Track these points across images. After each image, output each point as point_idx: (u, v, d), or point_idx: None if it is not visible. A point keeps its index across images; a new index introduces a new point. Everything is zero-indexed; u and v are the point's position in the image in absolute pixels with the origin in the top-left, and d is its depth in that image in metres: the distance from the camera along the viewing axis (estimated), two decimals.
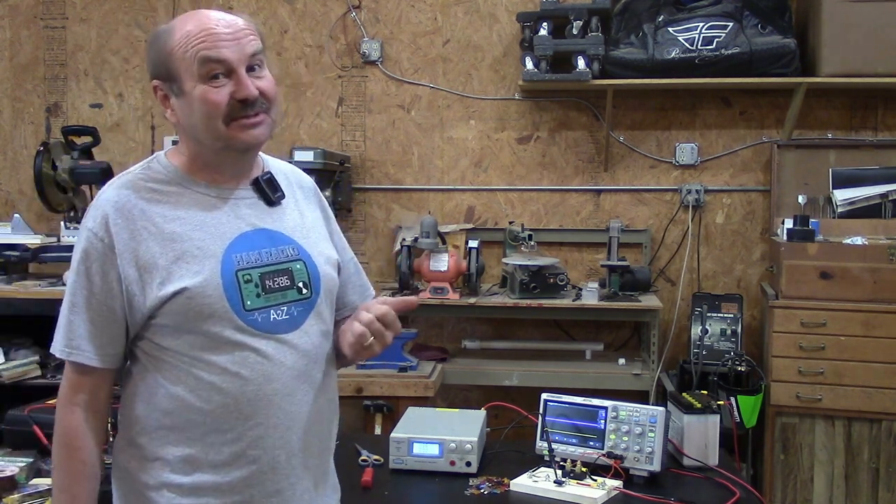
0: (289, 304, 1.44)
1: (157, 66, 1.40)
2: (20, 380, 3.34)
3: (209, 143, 1.41)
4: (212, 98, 1.36)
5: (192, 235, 1.39)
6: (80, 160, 3.73)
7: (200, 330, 1.37)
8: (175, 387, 1.39)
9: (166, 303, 1.36)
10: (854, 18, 3.34)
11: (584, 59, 3.52)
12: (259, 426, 1.40)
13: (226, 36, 1.36)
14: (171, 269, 1.36)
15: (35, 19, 4.14)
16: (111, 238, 1.37)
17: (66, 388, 1.43)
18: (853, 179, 3.55)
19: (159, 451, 1.41)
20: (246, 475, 1.41)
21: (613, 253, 3.46)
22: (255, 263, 1.42)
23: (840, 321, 3.15)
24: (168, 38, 1.38)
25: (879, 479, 3.15)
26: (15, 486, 2.01)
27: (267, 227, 1.46)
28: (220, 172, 1.45)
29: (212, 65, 1.35)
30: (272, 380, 1.41)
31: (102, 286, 1.38)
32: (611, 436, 2.04)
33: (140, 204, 1.39)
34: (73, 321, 1.40)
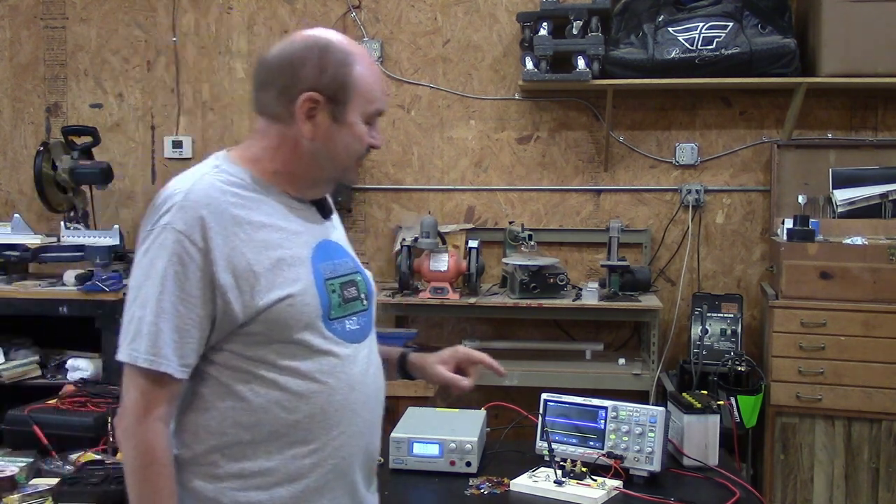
0: (358, 315, 1.48)
1: (326, 82, 1.39)
2: (20, 380, 3.34)
3: (328, 170, 1.46)
4: (365, 140, 1.45)
5: (283, 244, 1.38)
6: (80, 160, 3.74)
7: (292, 338, 1.36)
8: (258, 399, 1.35)
9: (266, 310, 1.33)
10: (854, 18, 3.34)
11: (584, 59, 3.52)
12: (342, 434, 1.41)
13: (385, 90, 1.50)
14: (270, 277, 1.34)
15: (35, 19, 4.14)
16: (207, 243, 1.31)
17: (140, 402, 1.31)
18: (853, 179, 3.55)
19: (234, 468, 1.36)
20: (322, 484, 1.41)
21: (613, 253, 3.46)
22: (334, 273, 1.45)
23: (840, 321, 3.15)
24: (353, 66, 1.40)
25: (879, 479, 3.15)
26: (15, 486, 2.01)
27: (332, 239, 1.51)
28: (301, 191, 1.46)
29: (378, 115, 1.47)
30: (354, 388, 1.43)
31: (196, 293, 1.31)
32: (611, 436, 2.04)
33: (229, 209, 1.35)
34: (161, 329, 1.30)
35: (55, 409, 2.43)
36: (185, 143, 4.07)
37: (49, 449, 2.25)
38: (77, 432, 2.31)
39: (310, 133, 1.40)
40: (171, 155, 4.10)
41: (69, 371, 3.39)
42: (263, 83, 1.43)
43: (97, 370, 3.36)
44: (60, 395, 2.53)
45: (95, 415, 2.37)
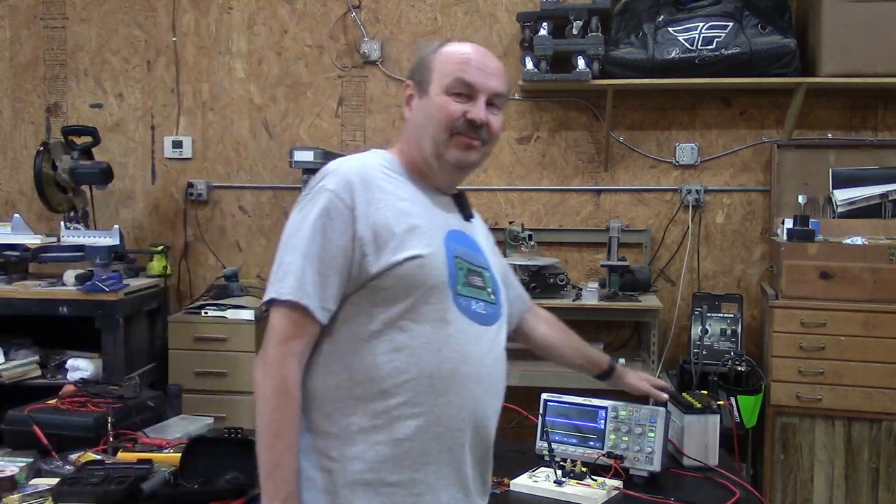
0: (484, 303, 1.54)
1: (415, 68, 1.59)
2: (20, 380, 3.35)
3: (429, 146, 1.54)
4: (448, 108, 1.52)
5: (422, 215, 1.50)
6: (80, 160, 3.74)
7: (417, 298, 1.44)
8: (373, 355, 1.43)
9: (397, 266, 1.43)
10: (854, 18, 3.34)
11: (584, 59, 3.52)
12: (449, 404, 1.45)
13: (480, 66, 1.54)
14: (405, 238, 1.45)
15: (35, 19, 4.15)
16: (353, 201, 1.45)
17: (283, 334, 1.43)
18: (853, 179, 3.55)
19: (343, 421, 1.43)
20: (424, 451, 1.44)
21: (613, 253, 3.46)
22: (464, 256, 1.54)
23: (840, 321, 3.15)
24: (438, 51, 1.57)
25: (879, 479, 3.15)
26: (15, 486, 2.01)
27: (466, 232, 1.61)
28: (432, 179, 1.58)
29: (460, 84, 1.52)
30: (468, 361, 1.47)
31: (336, 242, 1.44)
32: (611, 436, 2.04)
33: (377, 180, 1.50)
34: (306, 270, 1.43)
35: (55, 409, 2.42)
36: (185, 143, 4.07)
37: (49, 449, 2.25)
38: (77, 432, 2.30)
39: (409, 115, 1.60)
40: (171, 155, 4.10)
41: (69, 371, 3.39)
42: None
43: (97, 370, 3.36)
44: (60, 395, 2.52)
45: (95, 415, 2.36)
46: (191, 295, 4.08)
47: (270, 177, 4.06)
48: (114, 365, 3.35)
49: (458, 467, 1.48)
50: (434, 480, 1.45)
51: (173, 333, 3.63)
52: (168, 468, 2.07)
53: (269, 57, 4.02)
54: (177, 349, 3.61)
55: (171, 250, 4.00)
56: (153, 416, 2.52)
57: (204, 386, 3.53)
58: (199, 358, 3.57)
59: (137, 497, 1.93)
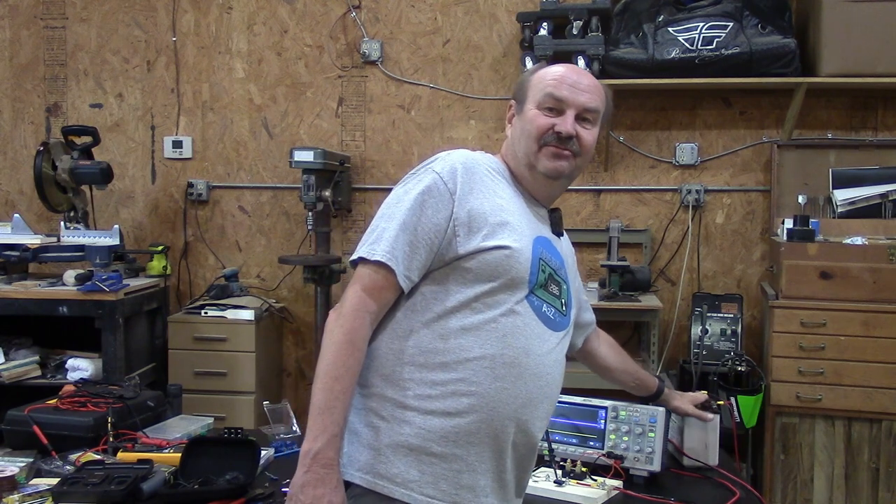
0: (555, 309, 1.61)
1: (516, 90, 1.71)
2: (20, 380, 3.35)
3: (521, 157, 1.64)
4: (538, 121, 1.62)
5: (515, 213, 1.58)
6: (80, 160, 3.74)
7: (496, 286, 1.50)
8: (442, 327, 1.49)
9: (485, 252, 1.50)
10: (854, 18, 3.34)
11: (584, 59, 3.52)
12: (504, 391, 1.49)
13: (572, 83, 1.63)
14: (496, 229, 1.53)
15: (35, 19, 4.15)
16: (455, 185, 1.54)
17: (360, 295, 1.50)
18: (853, 179, 3.55)
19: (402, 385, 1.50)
20: (472, 431, 1.48)
21: (613, 253, 3.46)
22: (549, 262, 1.61)
23: (840, 321, 3.15)
24: (536, 72, 1.69)
25: (879, 479, 3.15)
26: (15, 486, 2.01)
27: (555, 245, 1.68)
28: (528, 188, 1.66)
29: (550, 99, 1.62)
30: (529, 354, 1.52)
31: (432, 218, 1.52)
32: (611, 436, 2.04)
33: (482, 173, 1.59)
34: (399, 237, 1.51)
35: (55, 409, 2.42)
36: (185, 143, 4.07)
37: (49, 449, 2.25)
38: (77, 432, 2.31)
39: (509, 131, 1.71)
40: (171, 155, 4.10)
41: (69, 371, 3.39)
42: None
43: (97, 370, 3.36)
44: (60, 395, 2.52)
45: (95, 415, 2.36)
46: (191, 295, 4.08)
47: (270, 177, 4.06)
48: (114, 365, 3.35)
49: (499, 458, 1.52)
50: (476, 462, 1.50)
51: (173, 333, 3.63)
52: (168, 468, 2.07)
53: (269, 57, 4.02)
54: (177, 349, 3.62)
55: (170, 250, 4.00)
56: (153, 416, 2.53)
57: (204, 386, 3.54)
58: (198, 358, 3.57)
59: (137, 497, 1.93)
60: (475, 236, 1.52)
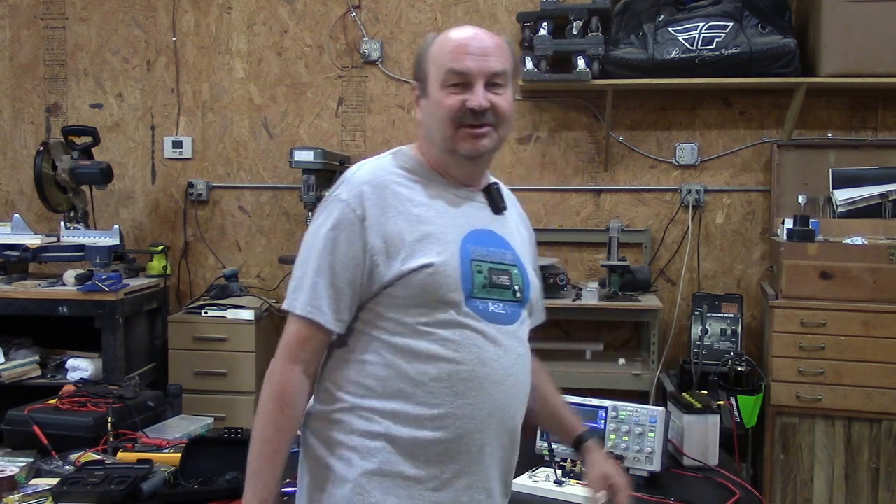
0: (504, 302, 1.52)
1: (416, 69, 1.57)
2: (20, 380, 3.35)
3: (440, 143, 1.52)
4: (446, 103, 1.49)
5: (436, 221, 1.49)
6: (80, 160, 3.74)
7: (430, 305, 1.45)
8: (392, 355, 1.45)
9: (407, 275, 1.44)
10: (854, 18, 3.34)
11: (584, 59, 3.52)
12: (467, 406, 1.45)
13: (474, 51, 1.49)
14: (416, 247, 1.45)
15: (35, 19, 4.15)
16: (364, 211, 1.46)
17: (288, 344, 1.47)
18: (853, 179, 3.55)
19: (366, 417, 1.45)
20: (443, 451, 1.45)
21: (613, 253, 3.46)
22: (485, 258, 1.52)
23: (840, 321, 3.15)
24: (429, 46, 1.54)
25: (879, 479, 3.15)
26: (15, 486, 2.01)
27: (493, 230, 1.58)
28: (452, 174, 1.56)
29: (453, 75, 1.49)
30: (486, 364, 1.47)
31: (348, 253, 1.46)
32: (611, 436, 2.04)
33: (392, 185, 1.50)
34: (318, 283, 1.46)
35: (55, 409, 2.43)
36: (185, 143, 4.07)
37: (49, 449, 2.25)
38: (77, 432, 2.31)
39: (419, 115, 1.58)
40: (171, 155, 4.10)
41: (69, 371, 3.39)
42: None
43: (97, 370, 3.36)
44: (60, 395, 2.53)
45: (95, 415, 2.36)
46: (191, 295, 4.07)
47: (270, 177, 4.06)
48: (114, 365, 3.35)
49: (479, 469, 1.49)
50: (453, 479, 1.47)
51: (173, 333, 3.63)
52: (168, 468, 2.07)
53: (269, 57, 4.02)
54: (177, 349, 3.62)
55: (170, 250, 4.00)
56: (153, 416, 2.53)
57: (204, 386, 3.53)
58: (198, 358, 3.57)
59: (137, 497, 1.93)
60: (395, 261, 1.45)
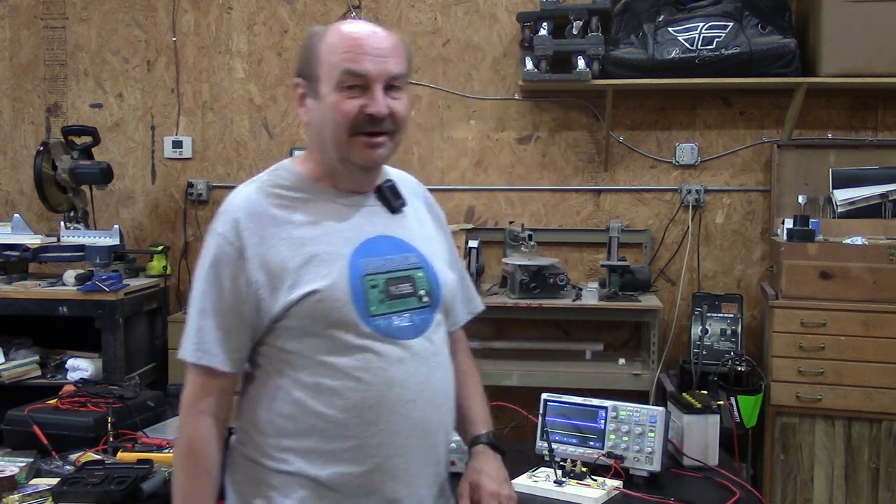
0: (411, 312, 1.45)
1: (303, 65, 1.44)
2: (20, 380, 3.35)
3: (331, 150, 1.43)
4: (342, 107, 1.38)
5: (321, 240, 1.41)
6: (80, 160, 3.74)
7: (325, 333, 1.38)
8: (297, 391, 1.39)
9: (295, 305, 1.37)
10: (854, 18, 3.34)
11: (584, 59, 3.52)
12: (381, 432, 1.40)
13: (372, 51, 1.38)
14: (301, 273, 1.37)
15: (35, 19, 4.14)
16: (242, 243, 1.39)
17: (191, 395, 1.43)
18: (853, 179, 3.55)
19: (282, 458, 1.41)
20: (365, 482, 1.40)
21: (613, 253, 3.46)
22: (380, 269, 1.43)
23: (840, 321, 3.15)
24: (319, 41, 1.41)
25: (879, 479, 3.15)
26: (15, 486, 2.01)
27: (391, 234, 1.49)
28: (342, 181, 1.47)
29: (351, 77, 1.38)
30: (394, 385, 1.40)
31: (232, 290, 1.39)
32: (611, 436, 2.04)
33: (270, 210, 1.42)
34: (204, 326, 1.40)
35: (55, 409, 2.42)
36: (185, 143, 4.07)
37: (49, 449, 2.25)
38: (77, 432, 2.30)
39: (305, 116, 1.45)
40: (171, 155, 4.10)
41: (69, 371, 3.39)
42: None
43: (97, 370, 3.36)
44: (60, 395, 2.52)
45: (95, 415, 2.36)
46: None
47: None
48: (114, 365, 3.35)
49: (409, 492, 1.44)
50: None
51: (173, 333, 3.63)
52: (168, 468, 2.07)
53: (269, 57, 4.02)
54: (177, 349, 3.59)
55: (170, 250, 4.00)
56: (153, 416, 2.52)
57: None
58: None
59: (137, 497, 1.93)
60: (280, 292, 1.37)
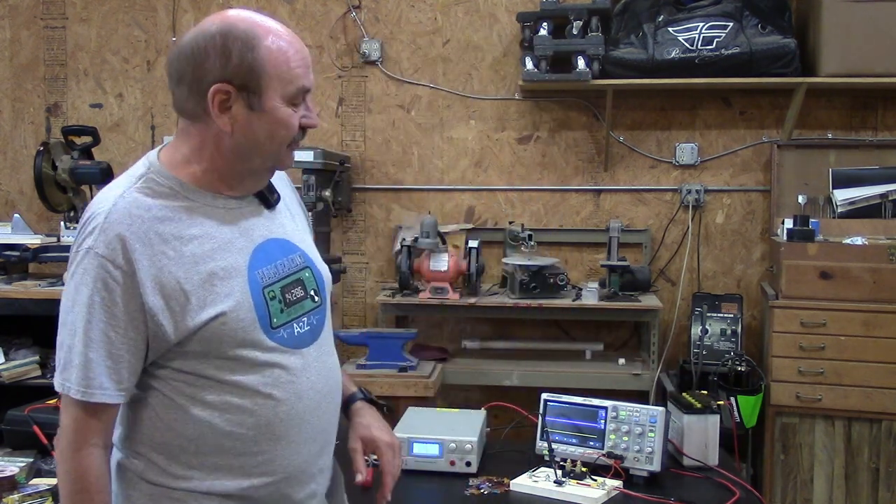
0: (308, 315, 1.43)
1: (233, 72, 1.30)
2: (20, 380, 3.34)
3: (260, 160, 1.37)
4: (293, 122, 1.35)
5: (215, 256, 1.33)
6: (80, 160, 3.73)
7: (231, 353, 1.32)
8: (201, 411, 1.32)
9: (200, 329, 1.30)
10: (854, 18, 3.34)
11: (584, 59, 3.52)
12: (291, 444, 1.38)
13: (307, 63, 1.37)
14: (201, 295, 1.30)
15: (35, 19, 4.15)
16: (132, 266, 1.27)
17: (75, 431, 1.29)
18: (853, 179, 3.55)
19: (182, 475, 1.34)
20: (273, 491, 1.38)
21: (613, 253, 3.46)
22: (274, 278, 1.39)
23: (840, 321, 3.15)
24: (257, 48, 1.31)
25: (879, 479, 3.15)
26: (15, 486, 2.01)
27: (275, 236, 1.44)
28: (235, 188, 1.39)
29: (302, 92, 1.35)
30: (302, 397, 1.38)
31: (125, 318, 1.28)
32: (611, 436, 2.04)
33: (154, 226, 1.30)
34: (91, 359, 1.27)
35: (55, 409, 2.42)
36: None
37: (49, 449, 2.25)
38: None
39: (228, 126, 1.32)
40: None
41: None
42: (174, 80, 1.34)
43: None
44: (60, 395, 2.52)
45: None
46: None
47: None
48: None
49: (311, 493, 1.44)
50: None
51: None
52: None
53: None
54: None
55: None
56: None
57: None
58: None
59: None
60: (181, 316, 1.28)
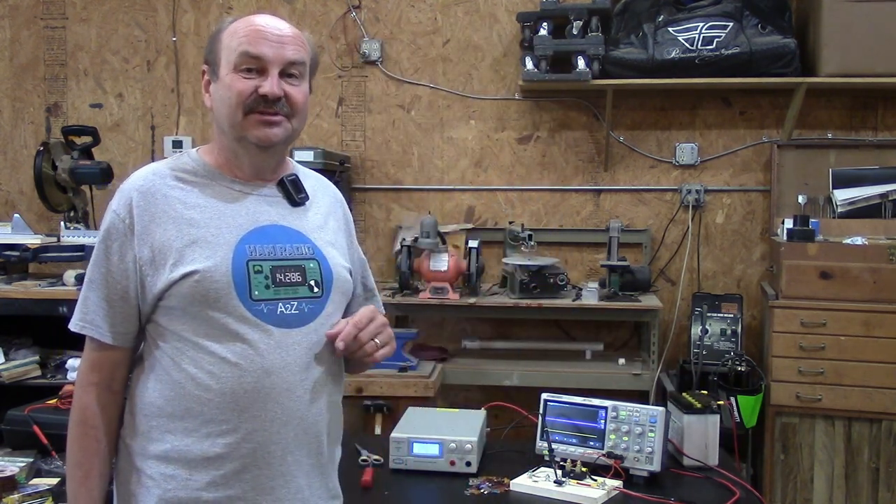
0: (299, 300, 1.46)
1: (207, 51, 1.50)
2: (20, 380, 3.34)
3: (228, 131, 1.46)
4: (237, 86, 1.43)
5: (209, 223, 1.43)
6: (80, 160, 3.73)
7: (206, 315, 1.39)
8: (177, 372, 1.40)
9: (175, 284, 1.39)
10: (854, 18, 3.34)
11: (584, 59, 3.52)
12: (255, 419, 1.40)
13: (270, 37, 1.44)
14: (184, 252, 1.40)
15: (35, 19, 4.15)
16: (132, 219, 1.42)
17: (83, 367, 1.47)
18: (853, 179, 3.55)
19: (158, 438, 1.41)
20: (239, 468, 1.40)
21: (613, 253, 3.46)
22: (267, 256, 1.45)
23: (840, 321, 3.15)
24: (223, 28, 1.48)
25: (879, 479, 3.15)
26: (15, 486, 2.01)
27: (286, 224, 1.50)
28: (242, 167, 1.50)
29: (247, 58, 1.43)
30: (271, 373, 1.40)
31: (119, 265, 1.42)
32: (611, 436, 2.04)
33: (164, 189, 1.45)
34: (89, 297, 1.45)
35: (55, 409, 2.43)
36: (185, 143, 4.07)
37: (49, 449, 2.25)
38: None
39: (208, 100, 1.50)
40: (171, 155, 4.09)
41: (69, 371, 3.38)
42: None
43: None
44: (60, 395, 2.53)
45: None
46: None
47: None
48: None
49: (284, 482, 1.43)
50: (256, 496, 1.41)
51: None
52: None
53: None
54: None
55: None
56: None
57: None
58: None
59: None
60: (162, 270, 1.40)
